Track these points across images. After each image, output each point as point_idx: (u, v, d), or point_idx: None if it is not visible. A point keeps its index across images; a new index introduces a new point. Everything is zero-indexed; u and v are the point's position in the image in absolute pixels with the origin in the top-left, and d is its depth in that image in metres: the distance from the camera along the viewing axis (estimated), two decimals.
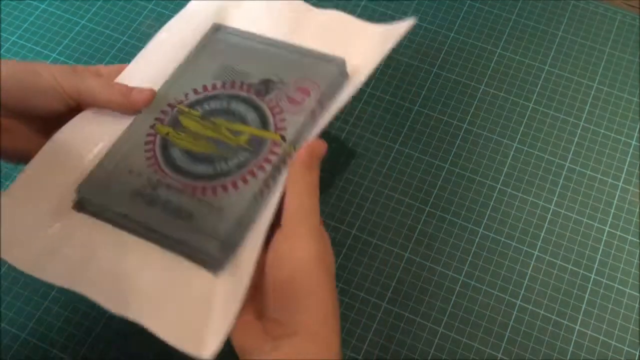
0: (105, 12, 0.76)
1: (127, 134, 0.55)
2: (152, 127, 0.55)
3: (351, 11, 0.76)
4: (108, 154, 0.54)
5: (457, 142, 0.68)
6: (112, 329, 0.59)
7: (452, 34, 0.75)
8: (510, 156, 0.68)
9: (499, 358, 0.58)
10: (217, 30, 0.60)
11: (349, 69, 0.56)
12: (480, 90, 0.71)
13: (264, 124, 0.54)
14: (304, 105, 0.55)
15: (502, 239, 0.63)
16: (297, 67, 0.57)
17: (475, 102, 0.71)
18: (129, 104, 0.54)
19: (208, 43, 0.59)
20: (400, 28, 0.56)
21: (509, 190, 0.66)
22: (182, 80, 0.57)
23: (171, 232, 0.50)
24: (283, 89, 0.56)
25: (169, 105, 0.56)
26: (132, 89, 0.54)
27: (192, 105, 0.56)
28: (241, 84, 0.57)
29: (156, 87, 0.56)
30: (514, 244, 0.63)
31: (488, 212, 0.65)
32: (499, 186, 0.66)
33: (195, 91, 0.56)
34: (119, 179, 0.52)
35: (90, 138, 0.54)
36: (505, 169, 0.67)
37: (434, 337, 0.59)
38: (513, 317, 0.60)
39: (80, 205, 0.52)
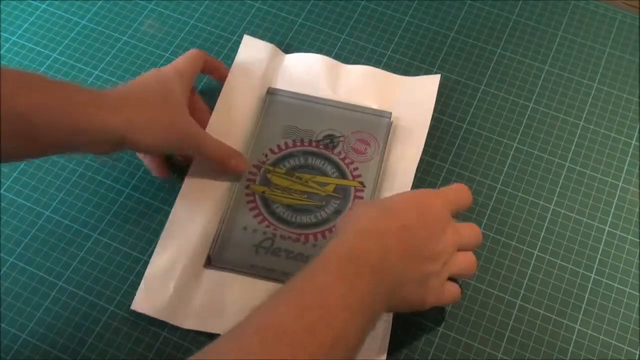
0: (105, 12, 0.76)
1: (228, 197, 0.64)
2: (247, 187, 0.64)
3: (351, 11, 0.76)
4: (221, 217, 0.62)
5: (457, 141, 0.68)
6: (112, 329, 0.59)
7: (452, 34, 0.75)
8: (510, 156, 0.68)
9: (499, 357, 0.58)
10: (273, 94, 0.69)
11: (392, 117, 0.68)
12: (481, 90, 0.71)
13: (342, 173, 0.65)
14: (368, 155, 0.66)
15: (502, 239, 0.63)
16: (351, 121, 0.67)
17: (475, 102, 0.71)
18: (230, 168, 0.64)
19: (269, 107, 0.68)
20: (433, 79, 0.70)
21: (509, 190, 0.66)
22: (258, 143, 0.66)
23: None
24: (345, 142, 0.66)
25: (255, 166, 0.65)
26: (232, 153, 0.64)
27: (274, 164, 0.65)
28: (309, 141, 0.66)
29: (234, 142, 0.66)
30: (514, 243, 0.63)
31: (488, 212, 0.65)
32: (499, 186, 0.66)
33: (272, 151, 0.66)
34: (238, 237, 0.62)
35: (199, 207, 0.63)
36: (505, 168, 0.67)
37: (435, 337, 0.59)
38: (513, 316, 0.60)
39: (210, 263, 0.61)
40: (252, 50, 0.72)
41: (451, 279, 0.56)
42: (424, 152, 0.67)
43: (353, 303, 0.47)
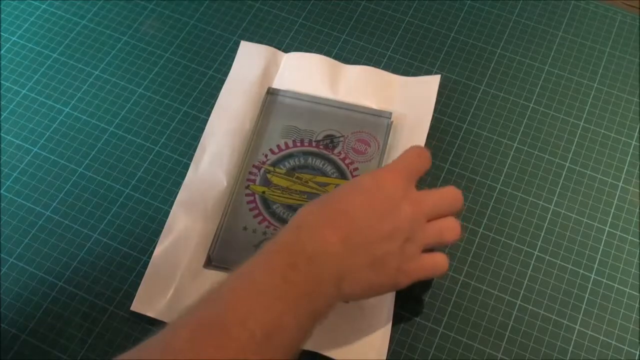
0: (106, 12, 0.76)
1: (228, 197, 0.64)
2: (247, 187, 0.64)
3: (351, 11, 0.76)
4: (221, 217, 0.62)
5: (458, 142, 0.68)
6: (112, 329, 0.59)
7: (452, 34, 0.75)
8: (510, 156, 0.68)
9: (499, 358, 0.58)
10: (272, 94, 0.69)
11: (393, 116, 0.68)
12: (481, 90, 0.71)
13: (342, 174, 0.65)
14: (368, 155, 0.66)
15: (502, 239, 0.63)
16: (351, 121, 0.68)
17: (476, 102, 0.71)
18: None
19: (269, 107, 0.69)
20: (433, 79, 0.70)
21: (509, 190, 0.66)
22: (258, 143, 0.66)
23: None
24: (345, 142, 0.67)
25: (255, 166, 0.65)
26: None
27: (274, 164, 0.65)
28: (309, 141, 0.66)
29: (234, 142, 0.66)
30: (514, 244, 0.63)
31: (488, 212, 0.65)
32: (499, 186, 0.66)
33: (272, 151, 0.66)
34: (238, 237, 0.62)
35: (199, 207, 0.63)
36: (505, 169, 0.67)
37: (434, 337, 0.59)
38: (513, 317, 0.60)
39: (210, 263, 0.61)
40: (250, 54, 0.72)
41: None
42: None
43: (287, 294, 0.46)
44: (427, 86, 0.70)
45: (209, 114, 0.69)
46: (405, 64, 0.73)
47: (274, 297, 0.46)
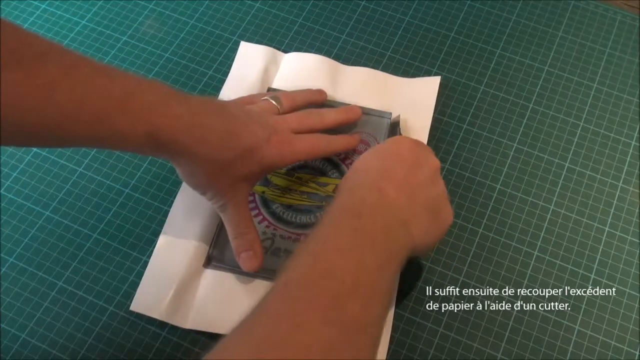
0: (105, 12, 0.76)
1: None
2: None
3: (351, 12, 0.76)
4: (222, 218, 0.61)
5: (457, 142, 0.68)
6: (112, 329, 0.59)
7: (452, 34, 0.75)
8: (510, 156, 0.68)
9: (498, 358, 0.58)
10: None
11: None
12: (481, 91, 0.71)
13: (342, 174, 0.65)
14: None
15: (502, 239, 0.63)
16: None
17: (475, 102, 0.71)
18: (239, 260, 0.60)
19: None
20: (433, 81, 0.70)
21: (509, 190, 0.66)
22: None
23: None
24: None
25: None
26: (245, 245, 0.59)
27: None
28: None
29: None
30: (514, 244, 0.63)
31: (488, 212, 0.65)
32: (499, 186, 0.66)
33: None
34: None
35: (199, 207, 0.63)
36: (505, 169, 0.67)
37: (434, 337, 0.59)
38: (513, 317, 0.60)
39: (210, 263, 0.61)
40: (249, 54, 0.72)
41: None
42: None
43: (360, 242, 0.47)
44: (427, 87, 0.70)
45: None
46: (405, 64, 0.73)
47: (349, 248, 0.47)
